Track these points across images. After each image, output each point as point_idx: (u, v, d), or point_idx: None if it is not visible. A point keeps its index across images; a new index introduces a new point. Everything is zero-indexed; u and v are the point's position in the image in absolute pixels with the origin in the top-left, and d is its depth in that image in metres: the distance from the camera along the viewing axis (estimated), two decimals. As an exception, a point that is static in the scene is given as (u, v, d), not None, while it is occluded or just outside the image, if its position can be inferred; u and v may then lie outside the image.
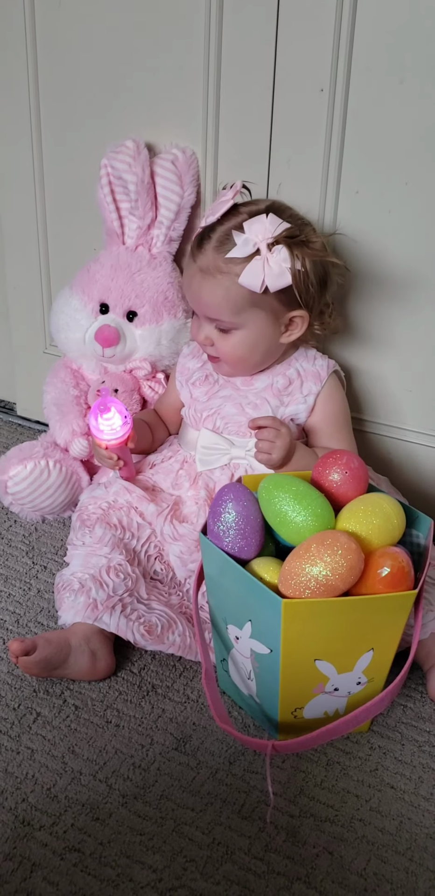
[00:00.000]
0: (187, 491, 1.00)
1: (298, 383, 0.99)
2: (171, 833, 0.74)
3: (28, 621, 0.99)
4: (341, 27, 0.95)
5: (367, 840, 0.74)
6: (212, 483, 0.99)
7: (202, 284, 0.93)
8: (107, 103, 1.13)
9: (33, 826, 0.74)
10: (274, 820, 0.75)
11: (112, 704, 0.87)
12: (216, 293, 0.92)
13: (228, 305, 0.92)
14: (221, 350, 0.96)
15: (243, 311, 0.92)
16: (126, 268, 1.13)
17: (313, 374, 0.99)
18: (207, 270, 0.92)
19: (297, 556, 0.74)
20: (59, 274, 1.28)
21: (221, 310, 0.93)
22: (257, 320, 0.93)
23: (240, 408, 0.99)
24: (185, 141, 1.09)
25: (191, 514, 0.99)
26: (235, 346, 0.95)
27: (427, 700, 0.89)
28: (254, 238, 0.89)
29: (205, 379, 1.03)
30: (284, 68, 1.00)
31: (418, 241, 1.01)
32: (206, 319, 0.96)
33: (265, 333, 0.95)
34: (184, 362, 1.06)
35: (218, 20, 1.01)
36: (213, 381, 1.02)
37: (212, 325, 0.95)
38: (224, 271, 0.91)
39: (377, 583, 0.73)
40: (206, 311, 0.94)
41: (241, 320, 0.93)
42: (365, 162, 1.00)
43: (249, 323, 0.93)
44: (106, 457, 0.98)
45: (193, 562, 0.95)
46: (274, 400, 0.98)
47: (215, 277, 0.92)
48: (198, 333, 0.98)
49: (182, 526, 0.97)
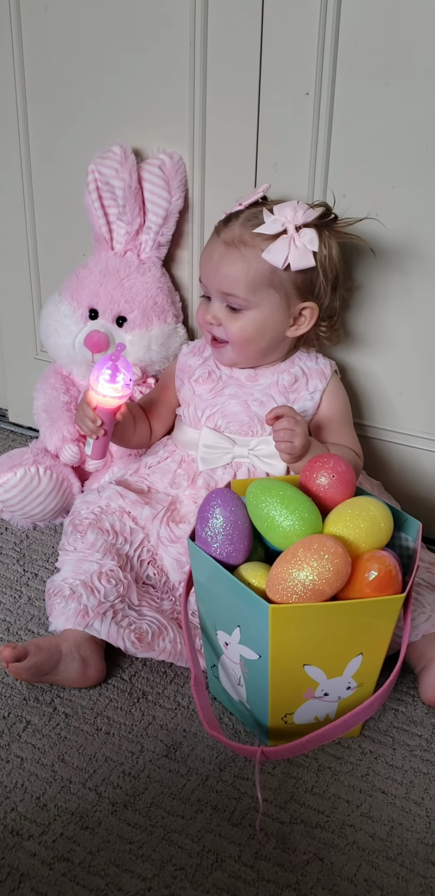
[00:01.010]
0: (185, 490, 1.00)
1: (303, 381, 0.99)
2: (160, 841, 0.73)
3: (18, 629, 0.99)
4: (326, 32, 0.95)
5: (357, 846, 0.73)
6: (213, 482, 0.99)
7: (225, 256, 0.94)
8: (94, 109, 1.13)
9: (22, 836, 0.74)
10: (264, 827, 0.75)
11: (102, 712, 0.87)
12: (237, 265, 0.93)
13: (247, 280, 0.93)
14: (230, 330, 0.96)
15: (259, 289, 0.93)
16: (115, 273, 1.13)
17: (318, 372, 1.00)
18: (232, 243, 0.93)
19: (284, 560, 0.73)
20: (48, 280, 1.28)
21: (239, 283, 0.93)
22: (270, 302, 0.94)
23: (244, 405, 0.99)
24: (172, 146, 1.09)
25: (189, 514, 0.98)
26: (245, 327, 0.95)
27: (419, 703, 0.89)
28: (283, 218, 0.91)
29: (208, 376, 1.02)
30: (269, 73, 1.00)
31: (406, 243, 1.01)
32: (218, 296, 0.96)
33: (275, 319, 0.96)
34: (185, 360, 1.06)
35: (203, 25, 1.01)
36: (217, 378, 1.02)
37: (222, 304, 0.96)
38: (249, 245, 0.93)
39: (365, 587, 0.73)
40: (222, 285, 0.94)
41: (255, 299, 0.94)
42: (352, 165, 1.00)
43: (263, 304, 0.94)
44: (90, 418, 0.94)
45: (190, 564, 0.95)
46: (280, 397, 0.99)
47: (239, 250, 0.93)
48: (205, 313, 0.98)
49: (179, 528, 0.97)
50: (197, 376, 1.03)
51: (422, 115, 0.95)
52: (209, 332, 0.99)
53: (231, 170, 1.07)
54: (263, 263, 0.92)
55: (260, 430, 0.98)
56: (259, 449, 0.98)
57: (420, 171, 0.97)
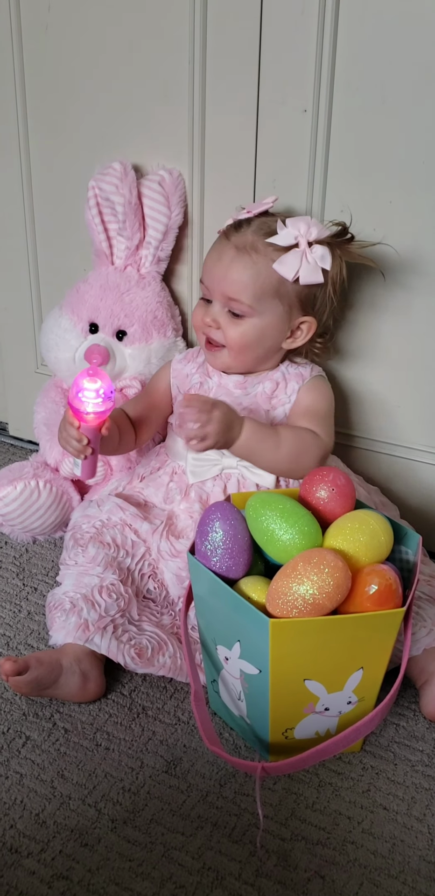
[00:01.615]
0: (180, 504, 1.00)
1: (283, 385, 0.99)
2: (160, 858, 0.73)
3: (18, 644, 0.98)
4: (323, 49, 0.96)
5: (359, 863, 0.73)
6: (205, 494, 0.99)
7: (235, 260, 0.94)
8: (94, 126, 1.14)
9: (21, 853, 0.73)
10: (265, 843, 0.74)
11: (102, 727, 0.87)
12: (247, 271, 0.93)
13: (254, 287, 0.93)
14: (229, 335, 0.96)
15: (265, 298, 0.94)
16: (115, 288, 1.13)
17: (296, 375, 1.00)
18: (244, 248, 0.94)
19: (284, 574, 0.73)
20: (49, 295, 1.28)
21: (246, 289, 0.93)
22: (273, 313, 0.95)
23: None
24: (172, 162, 1.10)
25: (186, 529, 0.98)
26: (245, 333, 0.95)
27: (420, 718, 0.88)
28: (296, 231, 0.92)
29: (199, 386, 1.02)
30: (267, 90, 1.01)
31: (404, 258, 1.02)
32: (221, 300, 0.95)
33: (275, 329, 0.96)
34: (179, 367, 1.05)
35: (202, 43, 1.02)
36: (207, 390, 1.02)
37: (224, 309, 0.96)
38: (261, 252, 0.93)
39: (365, 601, 0.73)
40: (228, 289, 0.94)
41: (259, 307, 0.94)
42: (349, 181, 1.01)
43: (265, 313, 0.95)
44: (75, 437, 0.89)
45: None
46: (265, 404, 0.99)
47: (250, 256, 0.93)
48: (205, 315, 0.97)
49: (179, 542, 0.97)
50: (190, 385, 1.03)
51: (418, 131, 0.95)
52: (205, 333, 0.98)
53: (230, 186, 1.07)
54: (272, 273, 0.92)
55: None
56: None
57: (417, 186, 0.98)
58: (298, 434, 0.94)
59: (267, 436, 0.93)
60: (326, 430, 0.97)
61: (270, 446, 0.92)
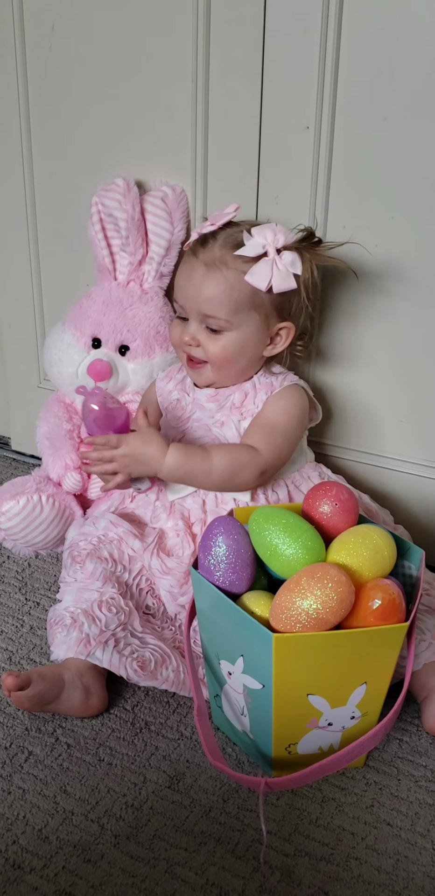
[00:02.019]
0: (166, 522, 1.00)
1: (252, 395, 0.99)
2: (163, 874, 0.73)
3: (20, 658, 0.98)
4: (325, 67, 0.97)
5: (363, 879, 0.73)
6: (186, 511, 0.99)
7: (206, 277, 0.93)
8: (97, 143, 1.15)
9: (24, 869, 0.73)
10: (268, 859, 0.74)
11: (105, 742, 0.86)
12: (220, 287, 0.93)
13: (229, 301, 0.93)
14: (210, 351, 0.96)
15: (241, 310, 0.94)
16: (118, 303, 1.14)
17: (266, 385, 1.00)
18: (213, 264, 0.93)
19: (287, 589, 0.73)
20: (52, 310, 1.29)
21: (221, 305, 0.93)
22: (251, 323, 0.95)
23: (206, 429, 1.00)
24: (175, 178, 1.11)
25: (175, 546, 0.98)
26: (225, 347, 0.95)
27: (423, 733, 0.88)
28: (263, 240, 0.92)
29: (177, 403, 1.03)
30: (270, 107, 1.02)
31: (405, 274, 1.02)
32: (197, 318, 0.96)
33: (254, 339, 0.96)
34: (162, 385, 1.06)
35: (205, 60, 1.03)
36: (184, 405, 1.02)
37: (201, 325, 0.96)
38: (231, 267, 0.93)
39: (368, 615, 0.73)
40: (204, 306, 0.94)
41: (236, 320, 0.94)
42: (352, 198, 1.02)
43: (243, 325, 0.95)
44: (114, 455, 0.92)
45: (183, 595, 0.95)
46: (235, 415, 0.99)
47: (221, 271, 0.93)
48: (183, 334, 0.97)
49: (170, 560, 0.97)
50: (169, 402, 1.04)
51: (420, 148, 0.96)
52: (186, 352, 0.99)
53: (232, 202, 1.07)
54: (245, 285, 0.92)
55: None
56: None
57: (419, 202, 0.98)
58: (232, 455, 0.94)
59: (196, 464, 0.93)
60: (273, 445, 0.95)
61: (200, 473, 0.93)
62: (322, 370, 1.13)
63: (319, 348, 1.11)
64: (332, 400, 1.13)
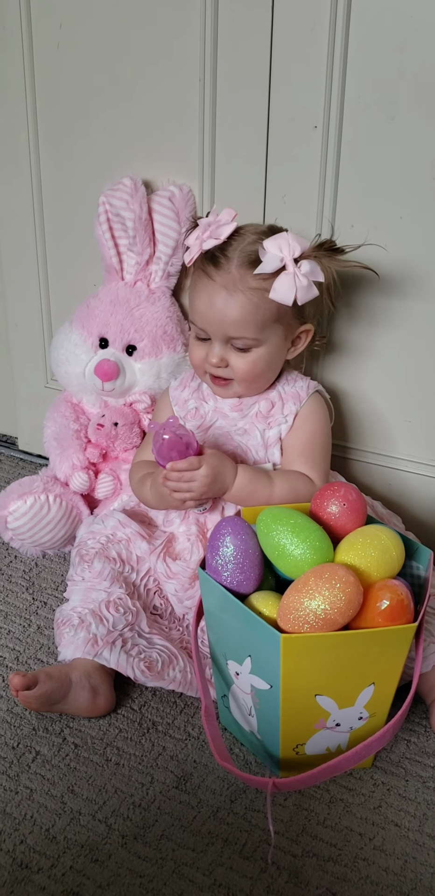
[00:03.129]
0: (179, 527, 1.00)
1: (279, 405, 0.99)
2: (171, 875, 0.73)
3: (28, 658, 0.98)
4: (334, 67, 0.96)
5: (371, 880, 0.72)
6: (202, 518, 0.99)
7: (229, 302, 0.92)
8: (104, 142, 1.15)
9: (31, 869, 0.73)
10: (276, 860, 0.74)
11: (112, 742, 0.86)
12: (245, 309, 0.92)
13: (256, 321, 0.93)
14: (238, 369, 0.96)
15: (267, 326, 0.94)
16: (125, 303, 1.14)
17: (293, 395, 1.00)
18: (234, 287, 0.92)
19: (295, 590, 0.73)
20: (59, 310, 1.29)
21: (248, 326, 0.93)
22: (276, 336, 0.95)
23: (228, 436, 1.00)
24: (182, 178, 1.11)
25: (184, 551, 0.98)
26: (256, 363, 0.95)
27: (431, 734, 0.88)
28: (280, 253, 0.90)
29: (195, 412, 1.03)
30: (277, 106, 1.02)
31: (413, 273, 1.02)
32: (222, 339, 0.95)
33: (280, 349, 0.97)
34: (176, 394, 1.05)
35: (213, 60, 1.03)
36: (204, 414, 1.02)
37: (227, 346, 0.95)
38: (253, 286, 0.92)
39: (377, 616, 0.73)
40: (229, 330, 0.93)
41: (263, 336, 0.94)
42: (360, 197, 1.01)
43: (270, 339, 0.95)
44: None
45: (189, 598, 0.95)
46: (260, 424, 0.99)
47: (244, 293, 0.92)
48: (209, 357, 0.96)
49: (175, 564, 0.96)
50: (187, 411, 1.03)
51: (428, 147, 0.96)
52: (211, 373, 0.98)
53: (240, 202, 1.07)
54: (269, 302, 0.92)
55: (245, 459, 0.98)
56: None
57: (428, 202, 0.98)
58: (292, 484, 0.95)
59: (260, 487, 0.93)
60: (320, 467, 0.98)
61: (262, 496, 0.93)
62: (330, 372, 1.12)
63: (326, 350, 1.11)
64: (339, 400, 1.13)
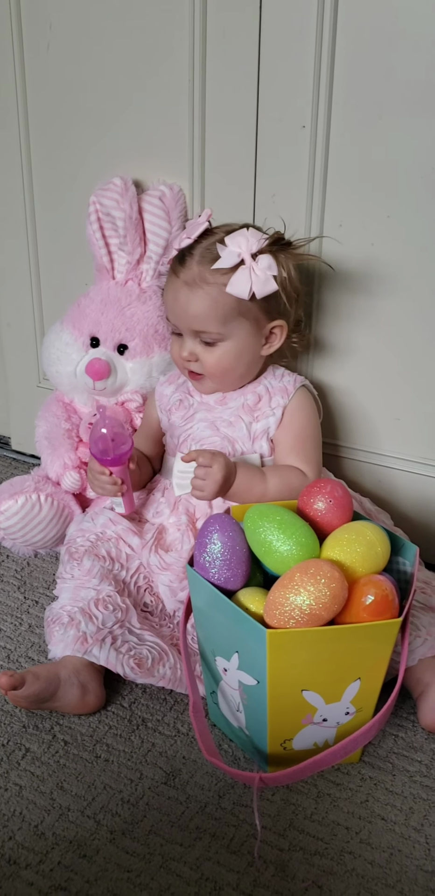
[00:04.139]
0: (169, 518, 1.00)
1: (266, 398, 1.01)
2: (158, 869, 0.73)
3: (19, 656, 0.99)
4: (321, 66, 0.97)
5: (356, 873, 0.73)
6: (191, 507, 1.00)
7: (190, 297, 0.95)
8: (95, 142, 1.15)
9: (20, 864, 0.74)
10: (263, 854, 0.74)
11: (102, 739, 0.87)
12: (204, 303, 0.94)
13: (216, 315, 0.94)
14: (207, 363, 0.98)
15: (230, 320, 0.95)
16: (116, 302, 1.14)
17: (280, 389, 1.01)
18: (193, 283, 0.94)
19: (281, 585, 0.74)
20: (51, 310, 1.29)
21: (209, 320, 0.95)
22: (242, 330, 0.96)
23: (214, 428, 1.01)
24: (172, 177, 1.11)
25: (175, 542, 0.99)
26: (221, 358, 0.97)
27: (419, 729, 0.88)
28: (237, 249, 0.92)
29: (179, 404, 1.04)
30: (266, 106, 1.02)
31: (401, 272, 1.02)
32: (190, 334, 0.97)
33: (249, 344, 0.98)
34: (161, 390, 1.08)
35: (202, 60, 1.03)
36: (188, 406, 1.03)
37: (196, 340, 0.97)
38: (211, 282, 0.94)
39: (361, 611, 0.73)
40: (193, 324, 0.96)
41: (227, 330, 0.95)
42: (348, 196, 1.02)
43: (235, 333, 0.96)
44: (110, 482, 0.96)
45: (183, 590, 0.95)
46: (247, 416, 1.00)
47: (202, 288, 0.94)
48: (181, 350, 0.99)
49: (169, 555, 0.97)
50: (170, 405, 1.05)
51: (416, 146, 0.96)
52: (186, 367, 1.00)
53: (230, 201, 1.08)
54: (228, 297, 0.93)
55: (232, 450, 0.99)
56: None
57: (415, 200, 0.99)
58: (285, 479, 0.96)
59: (255, 483, 0.95)
60: (313, 459, 0.99)
61: (257, 492, 0.94)
62: (318, 369, 1.13)
63: (315, 348, 1.12)
64: (328, 398, 1.13)
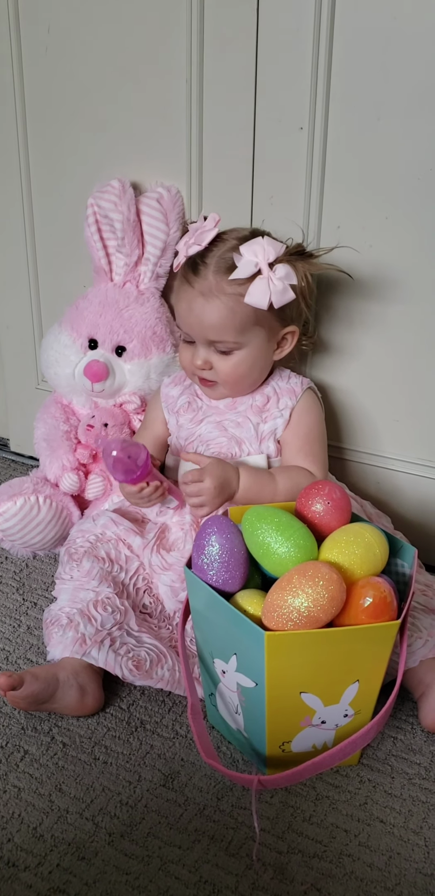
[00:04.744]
0: (172, 517, 1.01)
1: (274, 400, 1.01)
2: (157, 872, 0.73)
3: (17, 658, 0.99)
4: (319, 68, 0.97)
5: (355, 876, 0.73)
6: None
7: (205, 307, 0.94)
8: (93, 144, 1.15)
9: (18, 867, 0.73)
10: (261, 857, 0.74)
11: (100, 741, 0.87)
12: (221, 313, 0.94)
13: (233, 325, 0.94)
14: (222, 372, 0.97)
15: (246, 329, 0.95)
16: (114, 304, 1.14)
17: (288, 391, 1.01)
18: (210, 293, 0.94)
19: (279, 587, 0.74)
20: (49, 312, 1.29)
21: (227, 330, 0.94)
22: (257, 338, 0.96)
23: (221, 428, 1.01)
24: (170, 179, 1.11)
25: (177, 541, 0.99)
26: (237, 366, 0.97)
27: (418, 732, 0.88)
28: (254, 258, 0.91)
29: (188, 406, 1.04)
30: (264, 108, 1.02)
31: (399, 274, 1.02)
32: (204, 343, 0.97)
33: (263, 350, 0.98)
34: (167, 391, 1.07)
35: (199, 61, 1.03)
36: (197, 408, 1.03)
37: (210, 349, 0.97)
38: (228, 292, 0.93)
39: (360, 613, 0.73)
40: (209, 334, 0.95)
41: (244, 339, 0.95)
42: (346, 197, 1.02)
43: (251, 341, 0.96)
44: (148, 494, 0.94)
45: (184, 591, 0.95)
46: (254, 417, 1.00)
47: (220, 299, 0.93)
48: (194, 359, 0.98)
49: (170, 555, 0.97)
50: (178, 407, 1.04)
51: (413, 147, 0.96)
52: (198, 374, 1.00)
53: (228, 203, 1.08)
54: (245, 306, 0.93)
55: (238, 450, 0.99)
56: None
57: (413, 202, 0.99)
58: (293, 478, 0.96)
59: (264, 485, 0.95)
60: (321, 455, 1.00)
61: (267, 493, 0.95)
62: (319, 370, 1.13)
63: (315, 350, 1.12)
64: (329, 400, 1.13)
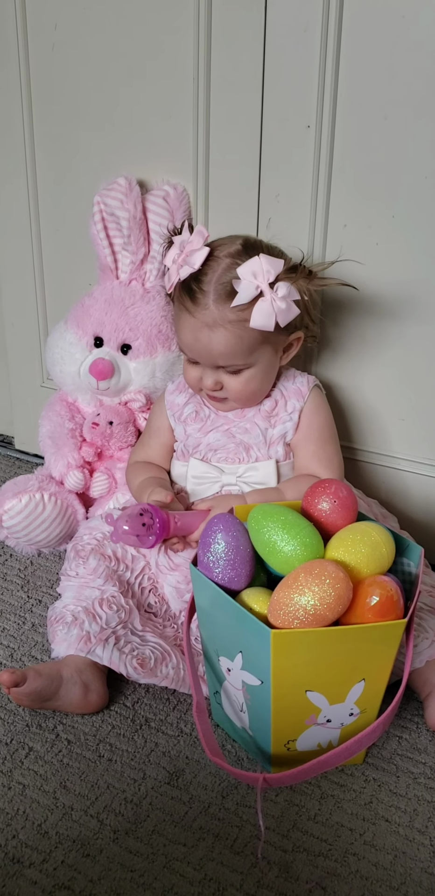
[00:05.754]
0: None
1: (282, 403, 1.01)
2: (162, 869, 0.73)
3: (22, 655, 0.99)
4: (326, 67, 0.97)
5: (360, 875, 0.73)
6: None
7: (212, 337, 0.93)
8: (99, 142, 1.15)
9: (23, 863, 0.73)
10: (266, 855, 0.74)
11: (105, 738, 0.87)
12: (229, 342, 0.93)
13: (242, 349, 0.93)
14: (233, 390, 0.97)
15: (255, 350, 0.94)
16: (120, 302, 1.14)
17: (295, 392, 1.01)
18: (214, 324, 0.92)
19: (285, 585, 0.74)
20: (55, 310, 1.29)
21: (235, 355, 0.94)
22: (266, 353, 0.96)
23: (229, 435, 1.00)
24: (177, 177, 1.11)
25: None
26: (248, 382, 0.97)
27: (423, 731, 0.88)
28: (254, 280, 0.90)
29: (196, 416, 1.03)
30: (271, 106, 1.02)
31: (405, 272, 1.02)
32: (212, 366, 0.96)
33: (272, 363, 0.98)
34: (172, 399, 1.06)
35: (206, 60, 1.03)
36: (205, 417, 1.03)
37: (219, 371, 0.96)
38: (232, 319, 0.92)
39: (366, 612, 0.73)
40: (217, 361, 0.95)
41: (253, 359, 0.95)
42: (352, 196, 1.02)
43: (260, 358, 0.96)
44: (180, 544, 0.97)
45: (190, 591, 0.95)
46: (263, 423, 1.00)
47: (225, 328, 0.92)
48: (203, 381, 0.98)
49: (177, 556, 0.97)
50: (185, 416, 1.03)
51: (420, 146, 0.96)
52: (210, 394, 0.99)
53: (234, 201, 1.08)
54: (252, 331, 0.92)
55: (246, 456, 0.99)
56: (247, 476, 0.98)
57: (419, 201, 0.99)
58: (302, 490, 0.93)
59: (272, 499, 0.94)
60: (335, 458, 1.00)
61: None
62: (326, 369, 1.13)
63: (322, 348, 1.12)
64: (336, 399, 1.13)
